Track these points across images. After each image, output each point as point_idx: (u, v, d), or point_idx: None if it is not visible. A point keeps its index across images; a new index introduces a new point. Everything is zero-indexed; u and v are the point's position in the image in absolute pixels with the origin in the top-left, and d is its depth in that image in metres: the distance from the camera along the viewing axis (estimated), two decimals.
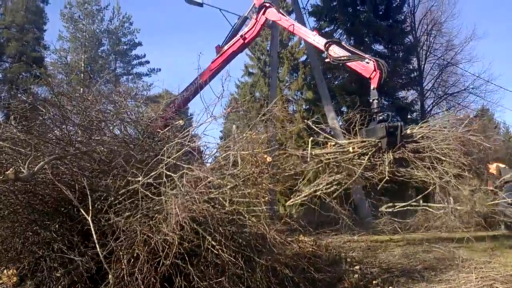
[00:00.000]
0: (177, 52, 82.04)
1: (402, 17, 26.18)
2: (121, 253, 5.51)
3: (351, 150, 10.44)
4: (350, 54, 11.97)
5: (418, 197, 11.77)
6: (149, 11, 74.97)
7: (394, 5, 24.63)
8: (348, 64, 12.13)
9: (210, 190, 6.11)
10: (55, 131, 7.30)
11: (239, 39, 14.89)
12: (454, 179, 9.96)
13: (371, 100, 11.17)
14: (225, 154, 7.17)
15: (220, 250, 5.51)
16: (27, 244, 6.16)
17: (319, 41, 12.79)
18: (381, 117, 10.95)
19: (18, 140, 6.31)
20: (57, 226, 6.16)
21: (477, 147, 10.75)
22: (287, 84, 33.36)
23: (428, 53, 31.08)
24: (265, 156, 7.51)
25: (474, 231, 10.95)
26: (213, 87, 10.29)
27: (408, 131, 11.24)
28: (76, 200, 5.63)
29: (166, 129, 8.26)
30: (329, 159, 10.77)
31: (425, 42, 31.27)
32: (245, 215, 6.18)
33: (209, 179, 6.07)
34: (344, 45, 12.47)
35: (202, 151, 8.43)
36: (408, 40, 27.53)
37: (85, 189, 5.78)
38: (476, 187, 10.48)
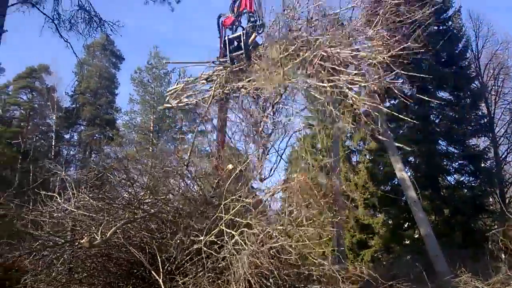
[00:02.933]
0: None
1: (466, 62, 25.55)
2: None
3: None
4: None
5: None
6: None
7: (457, 51, 24.15)
8: None
9: (273, 240, 6.09)
10: (124, 195, 7.62)
11: None
12: None
13: None
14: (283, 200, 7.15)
15: None
16: None
17: None
18: None
19: (91, 206, 6.66)
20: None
21: None
22: (348, 135, 33.07)
23: (497, 98, 29.83)
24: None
25: None
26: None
27: None
28: (147, 262, 5.81)
29: (219, 177, 8.27)
30: None
31: (493, 87, 30.10)
32: (314, 260, 6.07)
33: (270, 230, 6.08)
34: None
35: (263, 202, 8.43)
36: (475, 85, 26.70)
37: (154, 250, 5.98)
38: None
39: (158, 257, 5.90)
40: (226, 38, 10.98)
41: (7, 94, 40.03)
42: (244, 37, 10.65)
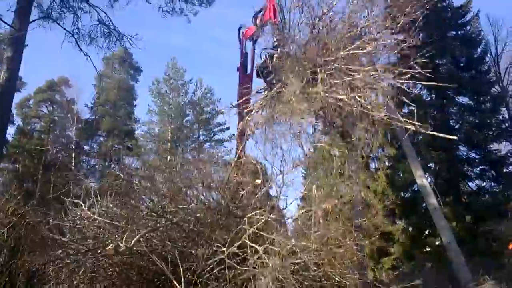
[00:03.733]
0: None
1: (486, 67, 25.25)
2: None
3: None
4: None
5: None
6: (228, 81, 78.59)
7: (476, 55, 23.88)
8: None
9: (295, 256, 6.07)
10: (147, 203, 7.70)
11: None
12: None
13: None
14: (304, 213, 7.11)
15: None
16: None
17: None
18: None
19: (114, 214, 6.75)
20: None
21: None
22: (366, 141, 32.81)
23: None
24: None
25: None
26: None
27: None
28: (169, 271, 5.85)
29: (245, 190, 8.23)
30: None
31: None
32: (336, 278, 6.03)
33: (291, 245, 6.06)
34: None
35: (284, 215, 8.42)
36: (495, 90, 26.37)
37: (176, 260, 6.01)
38: None
39: (180, 267, 5.92)
40: (257, 68, 10.80)
41: (29, 107, 40.84)
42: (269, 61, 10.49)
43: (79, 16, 17.45)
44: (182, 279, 5.77)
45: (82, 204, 7.37)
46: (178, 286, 5.71)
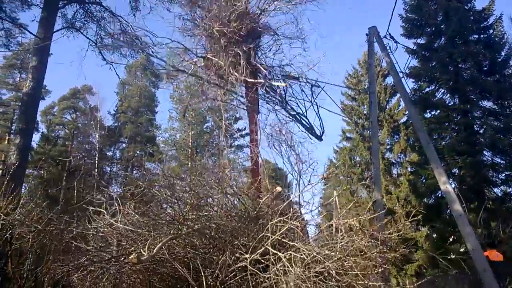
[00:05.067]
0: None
1: (510, 70, 24.77)
2: None
3: None
4: None
5: None
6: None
7: (499, 59, 23.44)
8: None
9: (318, 265, 6.03)
10: (168, 211, 7.74)
11: None
12: None
13: None
14: (328, 224, 7.05)
15: None
16: None
17: None
18: None
19: (136, 222, 6.82)
20: None
21: None
22: (388, 147, 32.48)
23: None
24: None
25: None
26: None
27: None
28: (191, 278, 5.87)
29: (266, 198, 8.21)
30: None
31: None
32: None
33: (314, 253, 6.01)
34: None
35: (306, 223, 8.37)
36: None
37: (198, 266, 6.03)
38: None
39: (202, 273, 5.94)
40: None
41: (53, 114, 41.67)
42: None
43: (102, 26, 17.77)
44: (205, 285, 5.79)
45: (105, 212, 7.46)
46: None
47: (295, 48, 10.88)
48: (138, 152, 40.76)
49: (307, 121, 11.98)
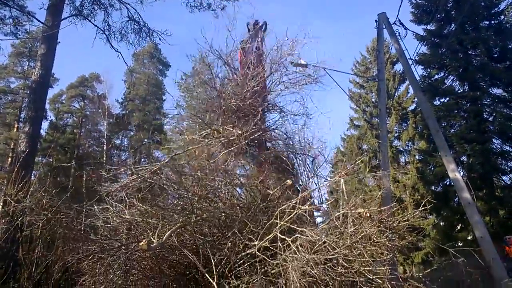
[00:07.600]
0: None
1: None
2: None
3: None
4: None
5: None
6: None
7: (510, 46, 23.14)
8: None
9: (326, 251, 6.03)
10: (176, 200, 7.75)
11: None
12: None
13: None
14: (337, 214, 7.00)
15: None
16: None
17: None
18: None
19: (145, 211, 6.85)
20: None
21: None
22: (396, 135, 32.36)
23: None
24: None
25: None
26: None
27: None
28: (201, 265, 5.92)
29: (275, 190, 8.20)
30: None
31: None
32: (368, 275, 5.97)
33: (323, 240, 6.02)
34: None
35: (315, 208, 8.37)
36: None
37: (207, 253, 6.08)
38: None
39: (212, 260, 5.98)
40: None
41: (61, 102, 41.86)
42: None
43: (110, 13, 17.74)
44: (214, 272, 5.83)
45: (113, 203, 7.49)
46: (210, 279, 5.77)
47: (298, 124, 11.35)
48: (146, 140, 40.88)
49: None
